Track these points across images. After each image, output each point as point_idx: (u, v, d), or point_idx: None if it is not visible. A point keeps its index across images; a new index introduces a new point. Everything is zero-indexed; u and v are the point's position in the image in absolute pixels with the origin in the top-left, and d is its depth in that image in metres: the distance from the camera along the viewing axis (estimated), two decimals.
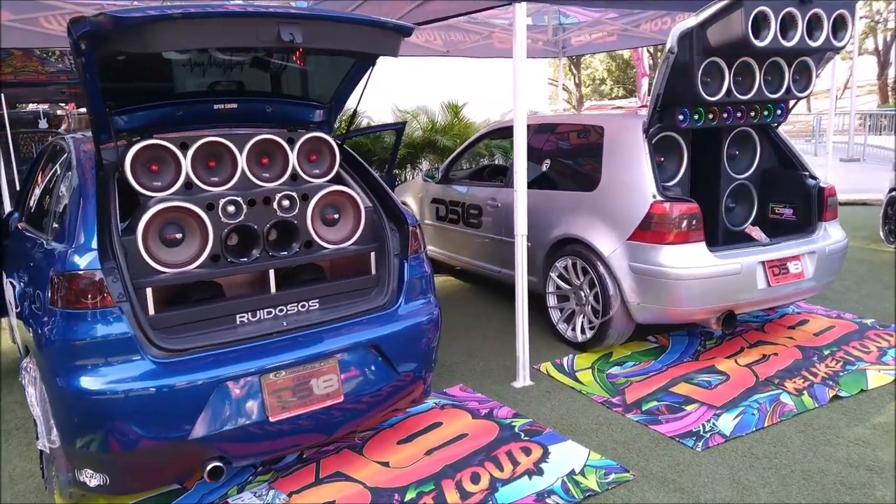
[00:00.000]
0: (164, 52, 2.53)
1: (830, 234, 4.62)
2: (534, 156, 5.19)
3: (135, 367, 2.66)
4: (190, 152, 3.01)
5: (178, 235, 2.92)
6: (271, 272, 3.11)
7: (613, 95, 31.86)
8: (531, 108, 10.44)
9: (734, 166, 4.77)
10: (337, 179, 3.44)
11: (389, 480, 3.15)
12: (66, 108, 15.98)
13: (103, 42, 2.47)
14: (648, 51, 14.65)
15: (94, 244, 2.71)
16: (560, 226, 4.72)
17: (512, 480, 3.13)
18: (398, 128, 5.53)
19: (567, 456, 3.32)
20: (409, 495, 3.03)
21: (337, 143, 3.43)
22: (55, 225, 3.05)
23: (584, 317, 4.62)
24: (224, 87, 3.23)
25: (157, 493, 3.08)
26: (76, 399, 2.62)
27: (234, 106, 3.28)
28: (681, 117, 4.25)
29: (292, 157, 3.26)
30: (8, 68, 12.10)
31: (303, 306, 3.17)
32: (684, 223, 4.11)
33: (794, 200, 4.73)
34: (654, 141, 4.35)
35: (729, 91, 4.20)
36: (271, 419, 2.85)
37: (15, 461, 3.44)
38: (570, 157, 5.07)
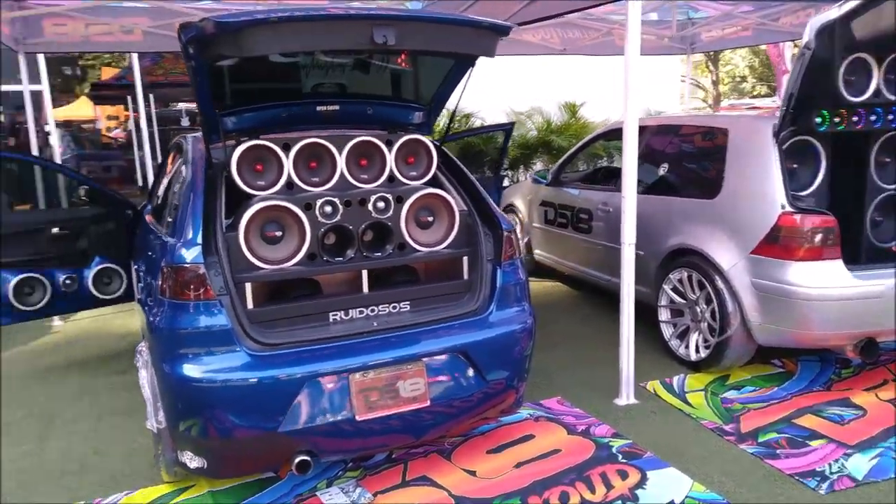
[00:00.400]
0: (259, 55, 2.58)
1: None
2: (651, 159, 4.93)
3: (231, 359, 2.74)
4: (292, 153, 3.07)
5: (278, 233, 2.98)
6: (364, 272, 3.11)
7: (755, 94, 29.86)
8: (656, 107, 9.97)
9: (883, 175, 4.24)
10: (434, 182, 3.40)
11: (475, 491, 3.06)
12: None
13: (208, 46, 2.56)
14: (794, 46, 13.61)
15: (200, 239, 2.82)
16: (676, 235, 4.42)
17: None
18: (506, 128, 5.43)
19: (667, 484, 3.08)
20: None
21: (435, 146, 3.38)
22: (169, 219, 3.21)
23: (699, 334, 4.30)
24: (327, 88, 3.27)
25: (253, 479, 3.17)
26: (178, 385, 2.74)
27: (336, 108, 3.32)
28: (818, 120, 3.84)
29: (390, 159, 3.25)
30: (159, 70, 13.20)
31: (394, 307, 3.15)
32: (818, 237, 3.71)
33: None
34: (785, 145, 3.97)
35: (878, 91, 3.75)
36: (358, 418, 2.84)
37: (136, 435, 3.66)
38: (690, 162, 4.74)
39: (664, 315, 4.56)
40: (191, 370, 2.71)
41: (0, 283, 4.17)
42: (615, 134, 5.79)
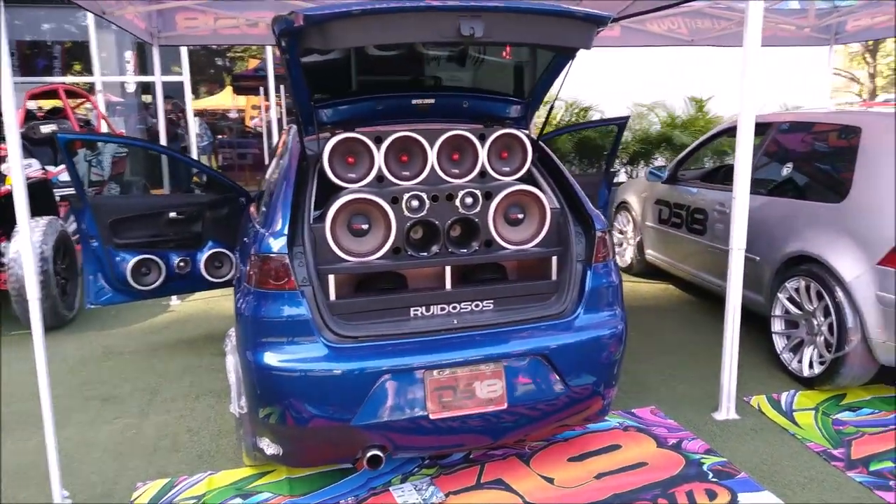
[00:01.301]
0: (343, 47, 2.62)
1: None
2: (774, 158, 4.58)
3: (309, 349, 2.81)
4: (383, 146, 3.10)
5: (364, 226, 3.03)
6: (448, 268, 3.10)
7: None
8: (796, 102, 9.25)
9: None
10: (528, 178, 3.32)
11: (549, 499, 2.99)
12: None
13: (298, 39, 2.62)
14: None
15: (287, 229, 2.91)
16: (795, 240, 4.08)
17: None
18: (620, 122, 5.20)
19: None
20: None
21: (531, 140, 3.30)
22: (263, 208, 3.34)
23: (814, 348, 3.96)
24: (423, 81, 3.26)
25: (329, 469, 3.25)
26: (258, 372, 2.84)
27: (432, 101, 3.31)
28: None
29: (482, 154, 3.20)
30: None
31: (476, 306, 3.12)
32: None
33: None
34: None
35: None
36: (431, 416, 2.84)
37: (227, 416, 3.86)
38: (816, 161, 4.36)
39: (777, 326, 4.24)
40: (270, 358, 2.80)
41: (120, 263, 4.49)
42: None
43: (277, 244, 2.87)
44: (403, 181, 3.14)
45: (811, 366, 3.97)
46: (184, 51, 9.31)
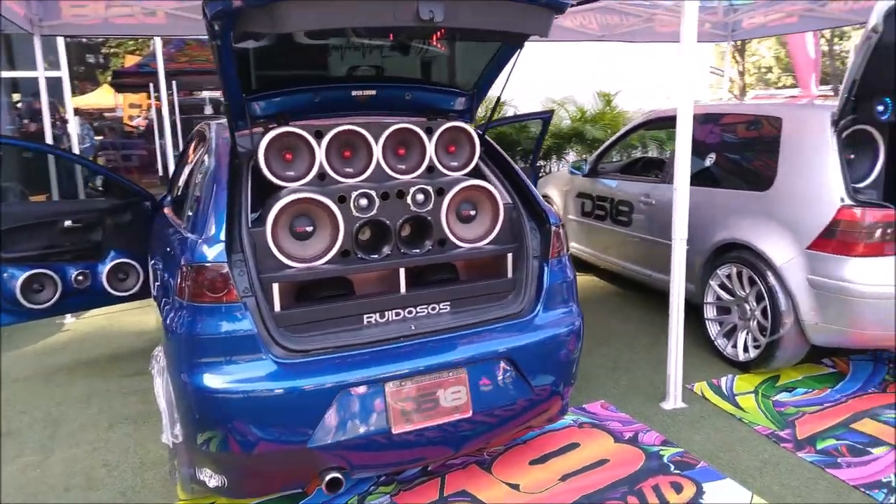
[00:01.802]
0: (294, 31, 2.37)
1: None
2: (697, 149, 4.65)
3: (256, 367, 2.54)
4: (324, 141, 2.86)
5: (309, 228, 2.78)
6: (402, 271, 2.91)
7: (780, 85, 29.29)
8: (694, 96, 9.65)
9: None
10: (476, 173, 3.18)
11: None
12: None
13: (236, 22, 2.34)
14: (824, 36, 13.25)
15: (223, 236, 2.62)
16: (724, 229, 4.18)
17: None
18: (545, 117, 5.18)
19: (725, 498, 2.88)
20: None
21: (478, 134, 3.16)
22: (190, 213, 3.02)
23: (747, 333, 4.07)
24: (363, 72, 3.04)
25: (277, 497, 2.98)
26: (197, 396, 2.54)
27: (373, 92, 3.10)
28: (880, 108, 3.59)
29: (430, 148, 3.03)
30: (183, 57, 12.99)
31: (433, 309, 2.95)
32: (879, 232, 3.47)
33: None
34: (843, 135, 3.72)
35: None
36: (394, 431, 2.64)
37: (150, 446, 3.49)
38: (739, 152, 4.48)
39: (710, 312, 4.33)
40: (211, 380, 2.51)
41: (8, 280, 3.98)
42: (657, 123, 5.55)
43: (214, 251, 2.58)
44: (347, 178, 2.92)
45: (746, 350, 4.07)
46: (60, 42, 8.50)
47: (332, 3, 2.24)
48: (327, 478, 2.61)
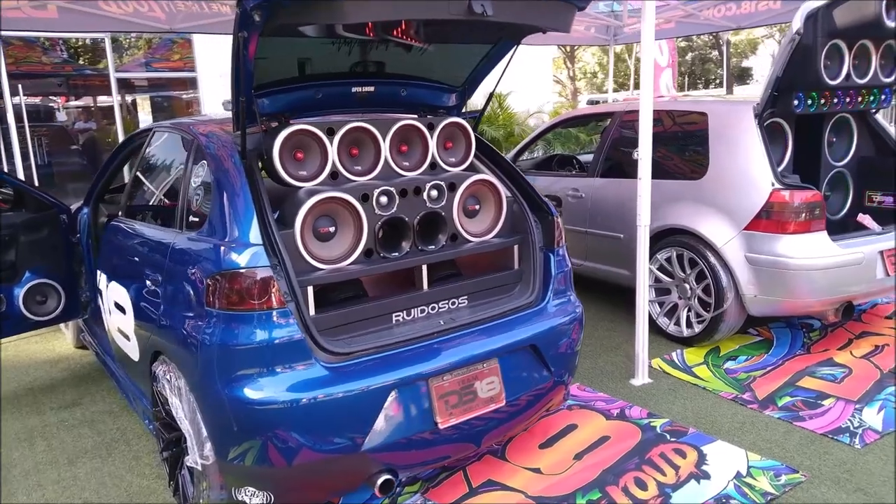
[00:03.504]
0: (354, 22, 2.30)
1: None
2: (626, 144, 5.02)
3: (306, 374, 2.43)
4: (336, 139, 2.77)
5: (332, 229, 2.69)
6: (424, 267, 2.89)
7: (604, 89, 31.91)
8: (539, 100, 10.25)
9: (832, 153, 4.64)
10: (471, 168, 3.23)
11: (550, 489, 2.95)
12: (60, 100, 15.44)
13: (284, 13, 2.22)
14: (679, 44, 14.60)
15: (257, 238, 2.47)
16: (662, 216, 4.53)
17: (681, 485, 2.94)
18: (475, 115, 5.27)
19: (726, 457, 3.15)
20: (581, 503, 2.84)
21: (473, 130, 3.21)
22: (192, 218, 2.80)
23: (689, 310, 4.45)
24: (363, 67, 2.98)
25: None
26: (242, 410, 2.38)
27: (372, 89, 3.05)
28: (795, 102, 4.09)
29: (432, 145, 3.04)
30: (9, 59, 11.64)
31: (452, 304, 2.96)
32: (806, 212, 3.95)
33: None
34: (764, 126, 4.20)
35: (848, 75, 4.05)
36: (441, 426, 2.63)
37: (127, 477, 3.18)
38: (668, 145, 4.86)
39: (651, 294, 4.67)
40: (257, 392, 2.38)
41: None
42: (575, 121, 5.87)
43: (253, 256, 2.43)
44: (357, 177, 2.85)
45: (689, 325, 4.45)
46: None
47: None
48: (380, 480, 2.56)
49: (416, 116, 3.08)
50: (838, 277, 3.99)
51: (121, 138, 9.27)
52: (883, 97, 4.52)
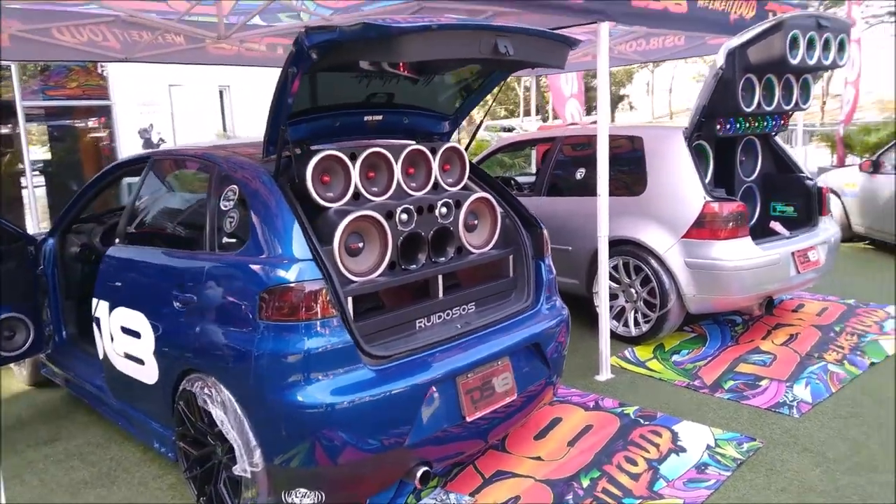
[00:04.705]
0: (410, 60, 2.59)
1: (829, 228, 5.30)
2: (569, 166, 5.52)
3: (356, 376, 2.67)
4: (358, 163, 3.04)
5: (360, 245, 2.94)
6: (440, 277, 3.19)
7: (502, 115, 33.43)
8: None
9: (743, 170, 5.35)
10: (465, 188, 3.56)
11: (555, 472, 3.29)
12: None
13: (341, 52, 2.49)
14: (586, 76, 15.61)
15: (303, 254, 2.70)
16: (609, 229, 5.03)
17: (664, 459, 3.38)
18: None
19: (695, 434, 3.62)
20: (585, 482, 3.20)
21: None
22: (227, 240, 2.95)
23: (636, 312, 4.97)
24: (378, 98, 3.26)
25: None
26: (297, 415, 2.59)
27: (380, 117, 3.33)
28: (718, 126, 4.75)
29: (435, 167, 3.35)
30: None
31: (463, 310, 3.27)
32: (733, 221, 4.58)
33: (796, 199, 5.36)
34: (692, 147, 4.81)
35: (759, 103, 4.75)
36: (468, 419, 2.93)
37: (141, 499, 3.22)
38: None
39: (598, 300, 5.15)
40: (313, 395, 2.60)
41: None
42: (513, 147, 6.33)
43: (306, 270, 2.67)
44: (375, 197, 3.12)
45: (637, 325, 4.97)
46: None
47: (443, 37, 2.52)
48: (419, 472, 2.82)
49: (417, 142, 3.38)
50: (761, 276, 4.64)
51: None
52: (782, 122, 5.29)
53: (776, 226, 5.15)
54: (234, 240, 2.94)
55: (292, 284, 2.64)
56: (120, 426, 3.76)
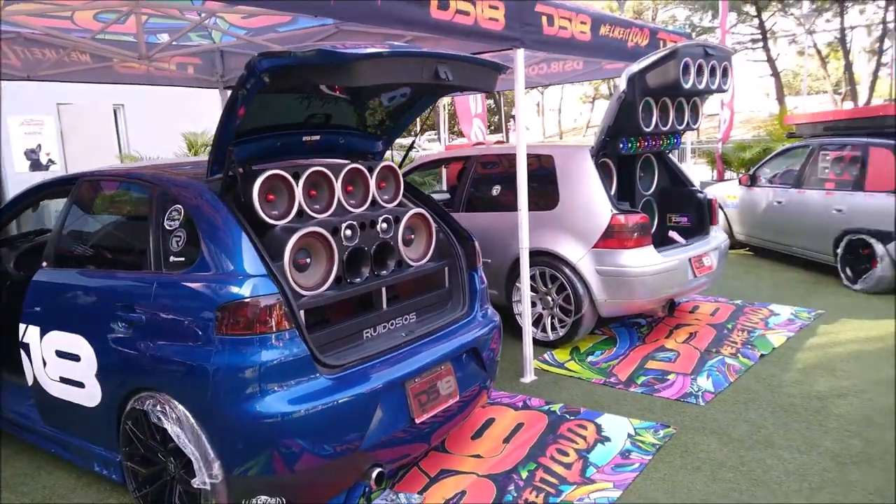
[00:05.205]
0: (365, 84, 2.74)
1: (718, 236, 5.87)
2: (484, 183, 5.82)
3: (313, 385, 2.81)
4: (301, 181, 3.17)
5: (308, 260, 3.07)
6: (384, 290, 3.36)
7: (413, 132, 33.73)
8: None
9: (642, 185, 5.83)
10: (400, 204, 3.76)
11: (495, 467, 3.52)
12: None
13: (292, 76, 2.64)
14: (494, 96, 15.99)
15: (255, 270, 2.81)
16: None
17: (592, 449, 3.69)
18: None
19: (615, 425, 3.96)
20: (524, 473, 3.45)
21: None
22: (175, 258, 3.00)
23: (552, 318, 5.31)
24: (316, 119, 3.40)
25: None
26: (256, 425, 2.68)
27: (318, 138, 3.48)
28: (621, 145, 5.19)
29: (373, 185, 3.52)
30: None
31: (405, 319, 3.45)
32: (637, 231, 5.01)
33: (689, 210, 5.89)
34: (598, 165, 5.23)
35: (657, 124, 5.23)
36: (417, 420, 3.11)
37: None
38: (529, 183, 5.71)
39: (518, 308, 5.47)
40: (271, 405, 2.71)
41: None
42: (429, 165, 6.58)
43: (261, 284, 2.78)
44: (317, 214, 3.26)
45: (553, 330, 5.30)
46: None
47: (393, 63, 2.72)
48: (374, 473, 2.98)
49: (354, 161, 3.54)
50: (664, 280, 5.09)
51: None
52: (675, 141, 5.82)
53: (674, 235, 5.64)
54: (181, 258, 2.99)
55: (248, 300, 2.74)
56: (52, 453, 3.66)
